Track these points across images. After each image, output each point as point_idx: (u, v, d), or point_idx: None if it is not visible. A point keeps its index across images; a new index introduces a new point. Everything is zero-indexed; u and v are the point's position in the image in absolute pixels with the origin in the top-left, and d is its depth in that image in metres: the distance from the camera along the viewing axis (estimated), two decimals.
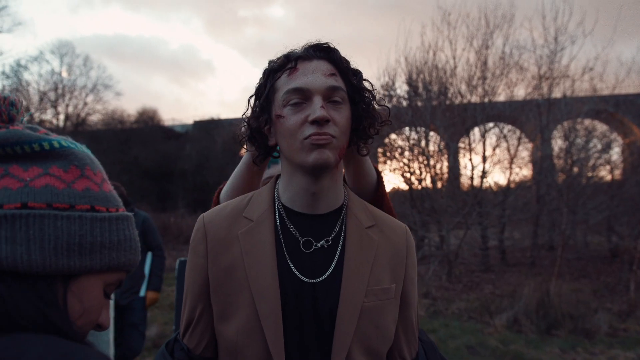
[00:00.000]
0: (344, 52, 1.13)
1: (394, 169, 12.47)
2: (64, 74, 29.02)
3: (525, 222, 11.92)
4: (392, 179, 12.65)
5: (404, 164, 12.00)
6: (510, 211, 11.17)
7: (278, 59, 1.12)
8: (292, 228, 1.10)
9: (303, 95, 1.05)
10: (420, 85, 11.79)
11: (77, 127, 29.04)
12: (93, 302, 0.72)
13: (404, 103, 12.20)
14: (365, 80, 1.15)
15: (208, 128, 29.26)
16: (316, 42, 1.11)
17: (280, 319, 1.02)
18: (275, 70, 1.11)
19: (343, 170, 1.27)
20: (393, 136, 12.59)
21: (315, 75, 1.06)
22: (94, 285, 0.72)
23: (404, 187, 12.21)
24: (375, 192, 1.36)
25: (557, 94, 11.44)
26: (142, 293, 4.03)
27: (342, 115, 1.06)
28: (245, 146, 1.22)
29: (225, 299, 1.07)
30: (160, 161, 25.88)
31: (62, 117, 29.82)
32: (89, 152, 0.77)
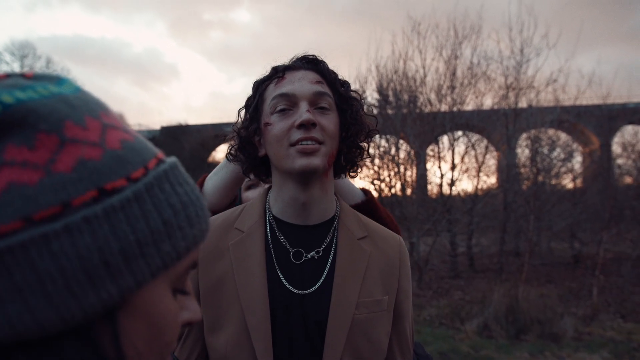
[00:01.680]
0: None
1: (364, 176, 12.58)
2: None
3: (493, 229, 12.16)
4: (363, 186, 12.71)
5: (375, 171, 12.10)
6: (478, 218, 11.38)
7: (267, 71, 1.14)
8: (282, 239, 1.09)
9: (289, 101, 1.06)
10: (390, 93, 11.92)
11: None
12: (161, 320, 0.48)
13: (375, 111, 12.31)
14: (353, 91, 1.17)
15: (175, 134, 28.90)
16: (304, 54, 1.14)
17: (270, 331, 1.01)
18: (264, 81, 1.13)
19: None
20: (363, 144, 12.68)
21: (301, 82, 1.08)
22: (155, 297, 0.47)
23: (374, 194, 12.29)
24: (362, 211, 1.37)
25: (522, 103, 11.76)
26: None
27: (329, 121, 1.07)
28: (233, 158, 1.20)
29: (215, 310, 1.05)
30: None
31: None
32: (70, 87, 0.48)
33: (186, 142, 26.41)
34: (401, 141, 12.06)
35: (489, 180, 12.42)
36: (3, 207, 0.39)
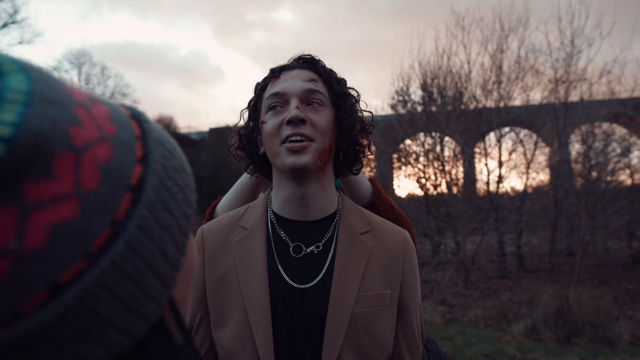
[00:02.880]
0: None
1: (409, 175, 12.44)
2: (78, 83, 29.50)
3: (543, 227, 11.75)
4: (407, 185, 12.61)
5: (419, 169, 11.95)
6: (527, 217, 11.02)
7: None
8: (282, 234, 1.12)
9: (281, 99, 1.10)
10: (434, 90, 11.73)
11: None
12: (193, 267, 0.53)
13: (419, 108, 12.15)
14: (350, 88, 1.19)
15: (223, 135, 29.39)
16: (300, 54, 1.18)
17: (270, 325, 1.03)
18: (262, 82, 1.18)
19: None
20: (408, 142, 12.56)
21: (294, 80, 1.11)
22: (190, 249, 0.51)
23: (419, 192, 12.16)
24: (370, 202, 1.39)
25: (574, 97, 11.28)
26: None
27: (321, 117, 1.09)
28: (234, 157, 1.26)
29: (220, 306, 1.09)
30: None
31: None
32: (19, 72, 0.37)
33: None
34: (446, 138, 11.85)
35: (539, 177, 12.00)
36: (59, 254, 0.36)
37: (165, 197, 0.44)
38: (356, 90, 1.20)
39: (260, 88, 1.17)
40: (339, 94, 1.14)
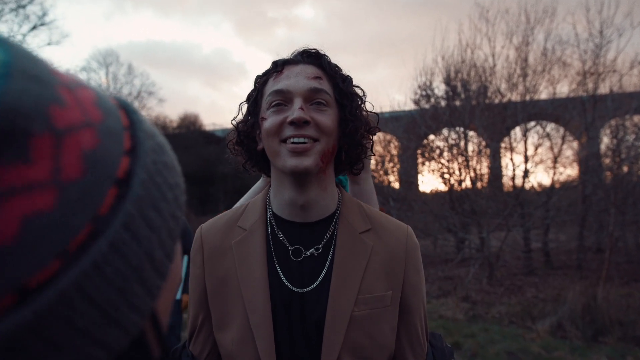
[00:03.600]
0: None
1: (433, 170, 12.33)
2: (104, 83, 30.01)
3: (571, 223, 11.48)
4: (431, 181, 12.50)
5: (443, 165, 11.83)
6: (554, 212, 10.79)
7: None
8: (281, 236, 1.09)
9: (284, 97, 1.05)
10: (458, 84, 11.58)
11: None
12: (177, 276, 0.49)
13: (442, 103, 12.02)
14: (356, 86, 1.15)
15: None
16: (305, 48, 1.13)
17: (271, 328, 1.02)
18: (263, 75, 1.13)
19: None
20: (431, 137, 12.43)
21: (298, 77, 1.06)
22: (176, 259, 0.46)
23: (444, 188, 12.03)
24: None
25: (603, 89, 10.97)
26: (178, 296, 4.13)
27: (325, 117, 1.05)
28: (232, 152, 1.22)
29: (221, 308, 1.08)
30: (202, 165, 26.45)
31: None
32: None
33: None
34: (471, 133, 11.70)
35: (567, 171, 11.73)
36: (31, 251, 0.30)
37: (154, 194, 0.39)
38: (362, 89, 1.16)
39: (262, 82, 1.13)
40: (344, 92, 1.10)
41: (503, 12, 11.73)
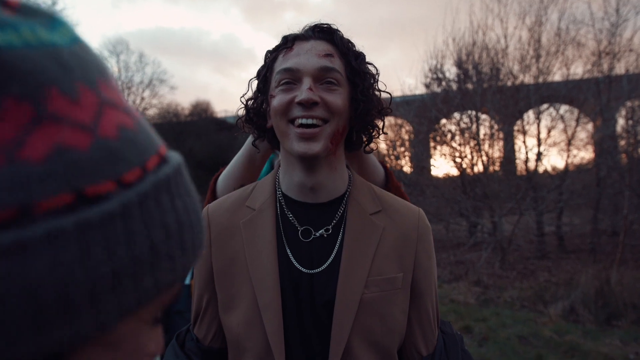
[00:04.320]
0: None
1: (445, 154, 12.23)
2: (116, 72, 30.12)
3: (585, 206, 11.36)
4: (443, 165, 12.42)
5: (455, 148, 11.73)
6: (567, 195, 10.67)
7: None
8: (290, 217, 1.07)
9: (293, 76, 1.02)
10: (470, 67, 11.42)
11: None
12: (127, 358, 0.38)
13: (454, 86, 11.88)
14: (369, 63, 1.10)
15: None
16: (316, 22, 1.08)
17: (280, 310, 0.99)
18: (273, 51, 1.09)
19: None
20: (443, 121, 12.31)
21: (308, 55, 1.02)
22: (124, 332, 0.36)
23: (455, 172, 11.96)
24: (385, 188, 1.34)
25: (619, 70, 10.74)
26: (187, 281, 4.16)
27: (335, 97, 1.01)
28: (243, 128, 1.19)
29: (228, 289, 1.05)
30: (214, 152, 26.57)
31: None
32: (66, 34, 0.35)
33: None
34: (483, 116, 11.57)
35: (580, 154, 11.57)
36: (51, 179, 0.29)
37: (116, 235, 0.33)
38: (375, 67, 1.11)
39: (272, 58, 1.09)
40: (356, 71, 1.05)
41: None
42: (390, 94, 1.17)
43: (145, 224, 0.34)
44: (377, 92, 1.11)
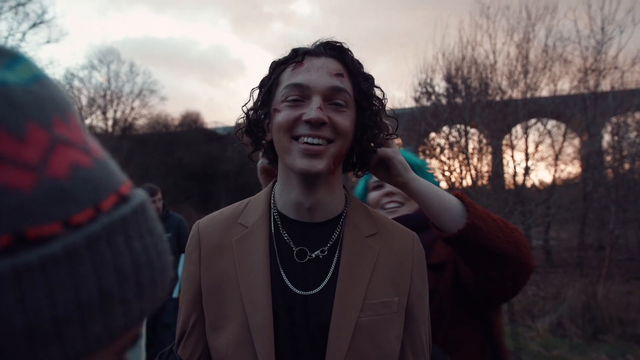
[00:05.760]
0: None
1: (434, 168, 12.28)
2: (104, 81, 29.95)
3: (572, 221, 11.46)
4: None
5: (444, 162, 11.79)
6: (555, 209, 10.76)
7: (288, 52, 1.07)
8: (286, 236, 1.04)
9: (302, 93, 0.99)
10: (459, 81, 11.53)
11: (125, 132, 30.08)
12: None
13: (443, 101, 11.98)
14: (376, 87, 1.09)
15: None
16: (329, 39, 1.05)
17: (272, 331, 0.96)
18: (281, 63, 1.06)
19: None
20: (432, 135, 12.40)
21: (319, 72, 0.99)
22: None
23: (444, 186, 12.00)
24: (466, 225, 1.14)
25: (604, 86, 10.93)
26: (175, 294, 4.13)
27: (343, 118, 1.00)
28: (241, 139, 1.16)
29: (216, 309, 1.01)
30: (204, 163, 26.44)
31: (110, 122, 30.90)
32: (26, 72, 0.34)
33: None
34: (472, 131, 11.66)
35: (568, 169, 11.70)
36: (79, 191, 0.32)
37: (60, 279, 0.31)
38: (382, 90, 1.10)
39: (280, 70, 1.05)
40: (365, 94, 1.04)
41: (504, 9, 11.72)
42: (397, 120, 1.16)
43: (95, 267, 0.32)
44: (384, 119, 1.09)
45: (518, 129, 11.38)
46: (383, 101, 1.10)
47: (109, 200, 0.35)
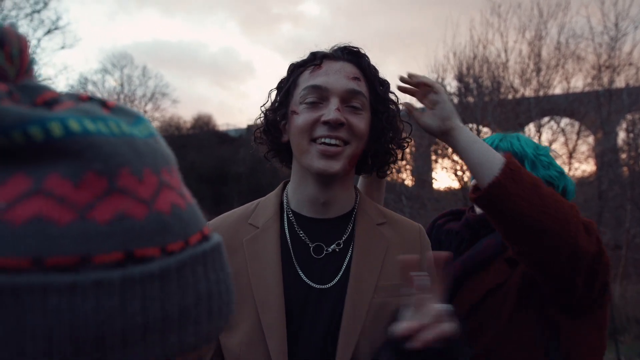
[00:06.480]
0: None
1: (446, 168, 12.23)
2: (117, 85, 30.21)
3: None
4: (445, 178, 12.43)
5: (456, 162, 11.73)
6: None
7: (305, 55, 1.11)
8: (301, 234, 1.08)
9: (320, 95, 1.03)
10: (470, 80, 11.48)
11: None
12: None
13: (455, 100, 11.93)
14: (392, 92, 1.13)
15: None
16: (346, 44, 1.09)
17: (285, 329, 0.98)
18: (300, 66, 1.09)
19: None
20: None
21: (337, 75, 1.04)
22: None
23: (457, 185, 11.94)
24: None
25: (619, 83, 10.79)
26: None
27: (360, 120, 1.04)
28: (258, 140, 1.18)
29: None
30: (216, 165, 26.60)
31: None
32: (145, 130, 0.43)
33: None
34: (484, 130, 11.60)
35: (582, 167, 11.57)
36: (20, 239, 0.33)
37: (153, 293, 0.38)
38: (396, 95, 1.14)
39: (298, 73, 1.09)
40: (380, 98, 1.08)
41: (515, 7, 11.65)
42: (411, 125, 1.19)
43: (180, 288, 0.39)
44: (398, 123, 1.13)
45: (531, 128, 11.29)
46: (399, 105, 1.14)
47: (195, 236, 0.43)
